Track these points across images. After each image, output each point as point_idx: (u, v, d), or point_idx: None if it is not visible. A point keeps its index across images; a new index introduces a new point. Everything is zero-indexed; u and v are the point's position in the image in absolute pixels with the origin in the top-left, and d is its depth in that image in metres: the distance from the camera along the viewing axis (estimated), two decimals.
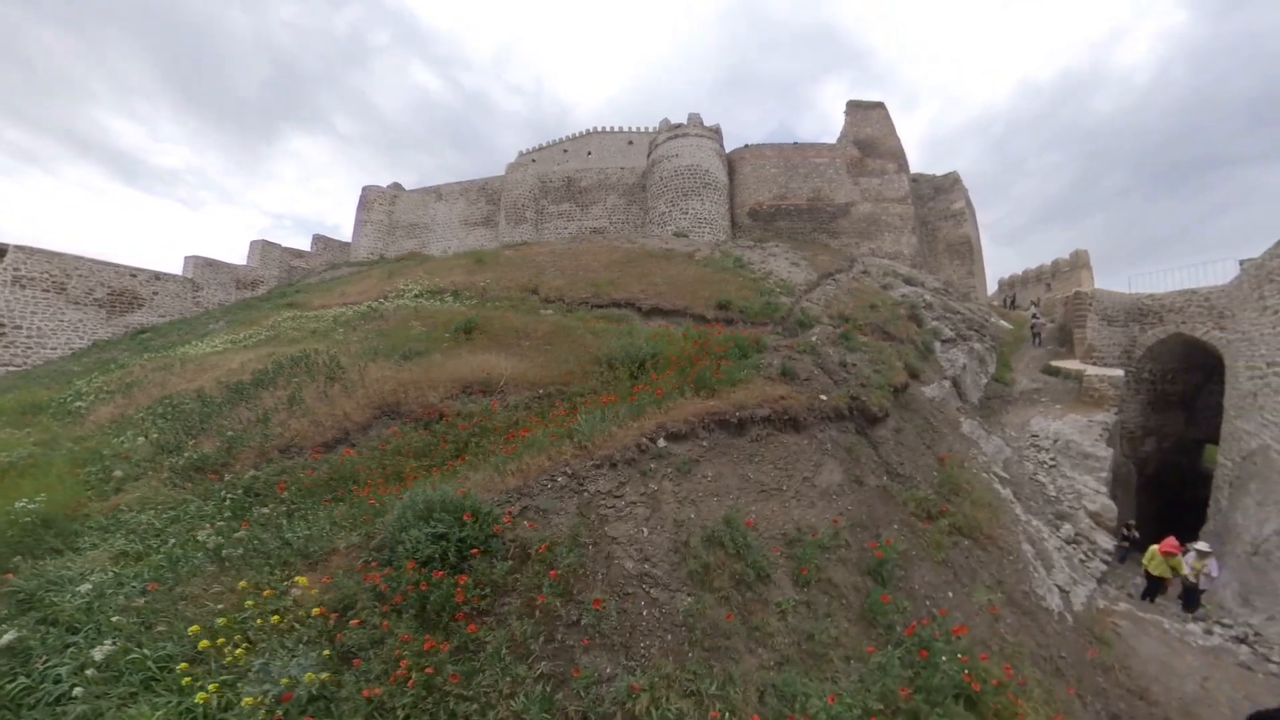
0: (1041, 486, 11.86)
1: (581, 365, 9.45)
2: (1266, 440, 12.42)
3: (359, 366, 10.17)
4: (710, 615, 4.61)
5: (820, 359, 9.12)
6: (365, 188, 33.00)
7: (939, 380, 14.01)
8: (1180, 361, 21.10)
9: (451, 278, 19.90)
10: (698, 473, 6.08)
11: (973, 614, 5.91)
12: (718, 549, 5.16)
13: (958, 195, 31.72)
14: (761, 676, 4.30)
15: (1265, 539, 11.87)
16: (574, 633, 4.23)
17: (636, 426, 6.36)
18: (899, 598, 5.59)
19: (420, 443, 7.41)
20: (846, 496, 6.63)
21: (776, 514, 5.97)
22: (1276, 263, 12.55)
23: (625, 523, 5.26)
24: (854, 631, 5.05)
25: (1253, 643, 8.58)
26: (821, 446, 7.16)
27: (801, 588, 5.27)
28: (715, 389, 7.47)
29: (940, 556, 6.48)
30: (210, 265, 27.62)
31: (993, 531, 7.41)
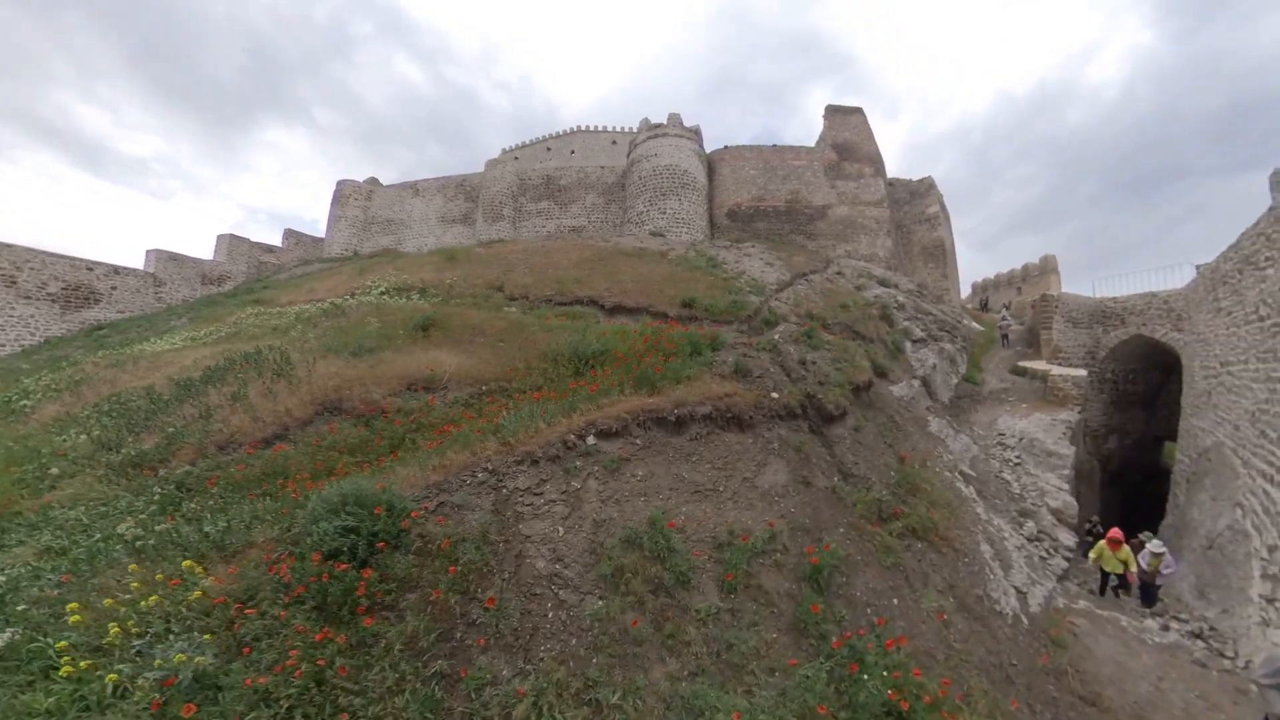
0: (1006, 484, 11.81)
1: (528, 362, 9.20)
2: (1220, 437, 12.58)
3: (307, 363, 9.98)
4: (620, 620, 4.41)
5: (780, 357, 8.89)
6: (340, 182, 31.95)
7: (908, 379, 13.93)
8: (1141, 362, 21.56)
9: (420, 275, 19.33)
10: (627, 471, 5.84)
11: (919, 621, 5.70)
12: (636, 551, 4.93)
13: (932, 200, 32.07)
14: (670, 687, 4.06)
15: (1219, 533, 12.03)
16: (474, 632, 4.06)
17: (565, 423, 6.10)
18: (837, 606, 5.33)
19: (356, 439, 7.25)
20: (790, 498, 6.37)
21: (709, 516, 5.70)
22: (1229, 266, 12.75)
23: (541, 521, 5.07)
24: (783, 642, 4.78)
25: (1208, 637, 8.56)
26: (768, 446, 6.92)
27: (727, 594, 5.00)
28: (657, 386, 7.22)
29: (889, 561, 6.24)
30: (174, 260, 26.38)
31: (949, 533, 7.22)
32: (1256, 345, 10.27)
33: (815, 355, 9.43)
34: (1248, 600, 8.95)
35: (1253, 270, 10.83)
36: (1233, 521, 10.87)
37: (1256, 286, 10.51)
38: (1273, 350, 9.22)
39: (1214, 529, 12.44)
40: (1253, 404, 10.26)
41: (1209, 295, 14.59)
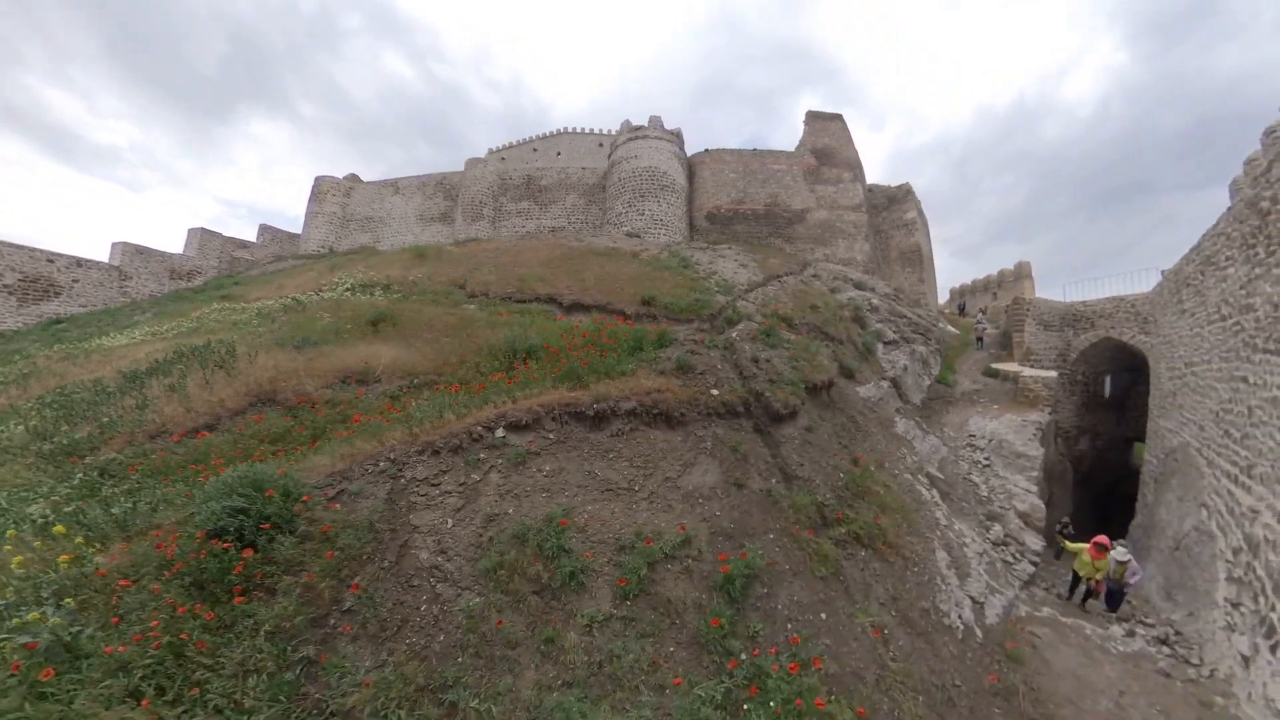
0: (974, 487, 11.46)
1: (463, 356, 8.98)
2: (1186, 438, 12.39)
3: (250, 356, 10.00)
4: (494, 620, 4.18)
5: (733, 354, 8.48)
6: (319, 178, 31.05)
7: (877, 380, 13.57)
8: (1110, 364, 21.56)
9: (388, 272, 18.82)
10: (533, 466, 5.58)
11: (850, 638, 5.18)
12: (523, 548, 4.67)
13: (910, 206, 32.10)
14: (535, 696, 3.76)
15: (1185, 534, 11.80)
16: (346, 619, 3.96)
17: (475, 415, 5.89)
18: (752, 620, 4.83)
19: (281, 428, 7.18)
20: (718, 500, 5.93)
21: (616, 516, 5.35)
22: (1191, 268, 12.62)
23: (433, 512, 4.91)
24: (680, 657, 4.34)
25: (1173, 642, 8.21)
26: (699, 444, 6.53)
27: (622, 600, 4.61)
28: (584, 380, 6.94)
29: (823, 571, 5.71)
30: (141, 253, 25.32)
31: (899, 539, 6.78)
32: (1219, 345, 10.05)
33: (771, 354, 8.99)
34: (1213, 604, 8.64)
35: (1214, 271, 10.64)
36: (1198, 522, 10.62)
37: (1218, 287, 10.31)
38: (1235, 350, 8.97)
39: (1180, 529, 12.22)
40: (1217, 404, 10.02)
41: (1173, 298, 14.49)
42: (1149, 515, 14.84)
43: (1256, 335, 7.89)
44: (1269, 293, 7.47)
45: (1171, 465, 13.71)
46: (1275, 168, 7.63)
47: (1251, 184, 8.55)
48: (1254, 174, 8.45)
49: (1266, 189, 7.88)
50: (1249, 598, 7.02)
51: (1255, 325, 7.99)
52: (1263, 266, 7.86)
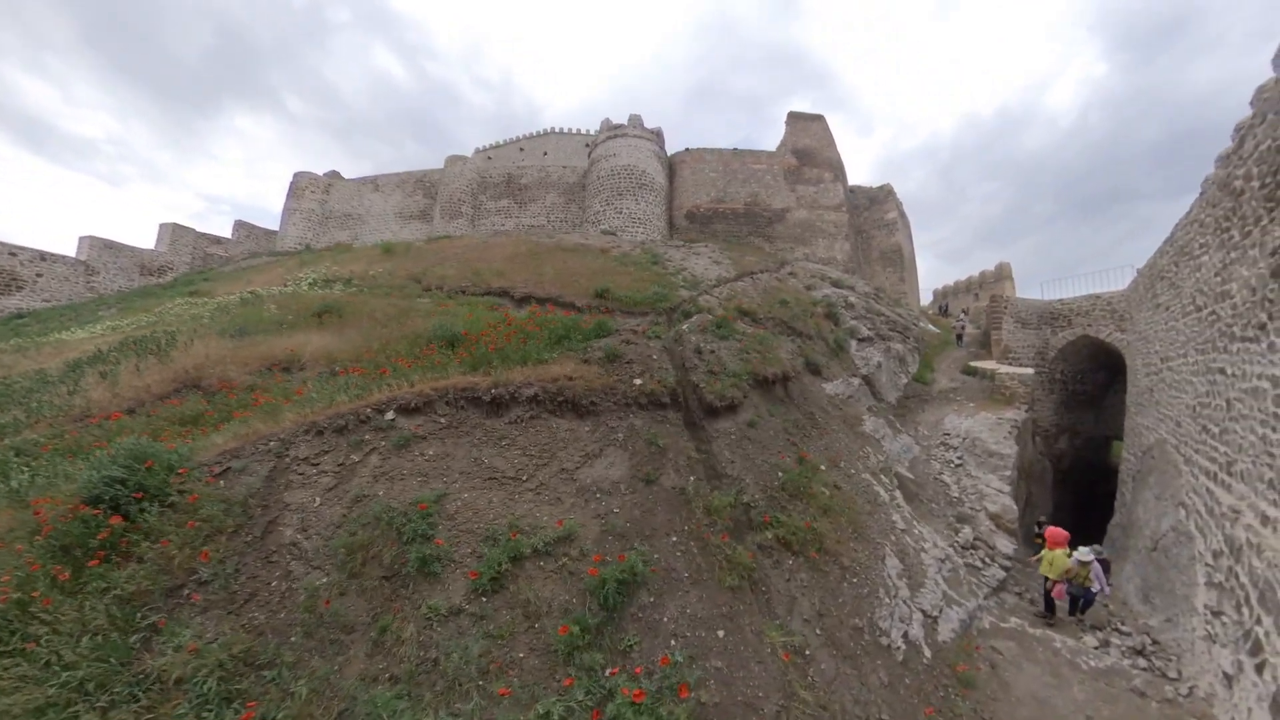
0: (945, 487, 10.76)
1: (387, 343, 8.73)
2: (1163, 435, 11.78)
3: (187, 344, 10.05)
4: (337, 604, 4.00)
5: (677, 345, 7.72)
6: (297, 174, 30.10)
7: (846, 377, 12.88)
8: (1088, 362, 21.05)
9: (353, 267, 18.21)
10: (416, 449, 5.39)
11: (753, 660, 4.44)
12: (382, 532, 4.47)
13: (891, 206, 31.62)
14: (356, 688, 3.54)
15: (1163, 534, 11.17)
16: (200, 590, 3.93)
17: (368, 398, 5.79)
18: (629, 632, 4.26)
19: (195, 411, 7.13)
20: (620, 496, 5.36)
21: (494, 506, 5.02)
22: (1165, 260, 12.06)
23: (306, 490, 4.84)
24: (530, 665, 3.89)
25: (1150, 654, 7.50)
26: (610, 435, 6.05)
27: (481, 596, 4.27)
28: (493, 366, 6.70)
29: (732, 581, 5.00)
30: (110, 248, 24.30)
31: (839, 546, 6.02)
32: (1195, 337, 9.43)
33: (720, 345, 8.30)
34: (1192, 610, 7.95)
35: (1188, 260, 10.05)
36: (1176, 522, 9.96)
37: (1192, 277, 9.71)
38: (1211, 341, 8.34)
39: (1158, 529, 11.59)
40: (1193, 398, 9.39)
41: (1148, 293, 13.95)
42: (1127, 514, 14.26)
43: (1234, 323, 7.24)
44: (1245, 276, 6.83)
45: (1149, 463, 13.12)
46: (1248, 142, 7.01)
47: (1223, 163, 7.95)
48: (1225, 154, 7.87)
49: (1239, 166, 7.27)
50: (1231, 606, 6.33)
51: (1232, 313, 7.35)
52: (1238, 250, 7.23)
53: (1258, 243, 6.51)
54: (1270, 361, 5.94)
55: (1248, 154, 7.03)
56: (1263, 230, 6.40)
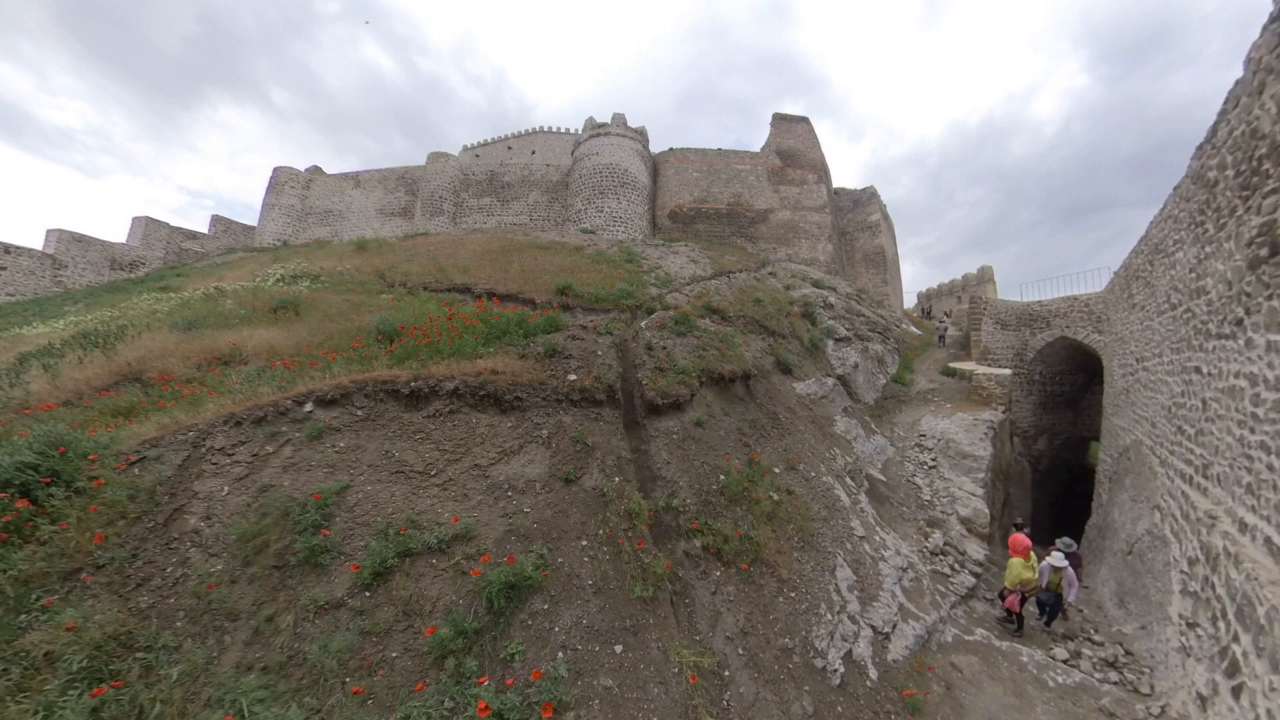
0: (917, 490, 10.28)
1: (330, 338, 8.49)
2: (1139, 435, 11.40)
3: (134, 338, 9.90)
4: (225, 591, 3.95)
5: (629, 341, 7.19)
6: (277, 168, 29.17)
7: (820, 377, 12.40)
8: (1066, 363, 20.80)
9: (324, 263, 17.54)
10: (329, 441, 5.29)
11: (653, 681, 3.99)
12: (280, 521, 4.42)
13: (874, 208, 31.34)
14: (229, 676, 3.47)
15: (1139, 538, 10.80)
16: (97, 573, 3.89)
17: (291, 390, 5.77)
18: (515, 640, 4.02)
19: (128, 403, 6.97)
20: (532, 495, 5.12)
21: (395, 500, 4.89)
22: (1140, 260, 11.72)
23: (217, 479, 4.85)
24: (402, 666, 3.71)
25: (1123, 666, 7.04)
26: (533, 431, 5.82)
27: (364, 591, 4.15)
28: (423, 359, 6.61)
29: (642, 591, 4.59)
30: (79, 241, 23.29)
31: (778, 556, 5.50)
32: (1170, 336, 9.03)
33: (676, 342, 7.80)
34: (1166, 619, 7.51)
35: (1163, 258, 9.67)
36: (1151, 526, 9.55)
37: (1167, 275, 9.32)
38: (1186, 339, 7.92)
39: (1133, 532, 11.22)
40: (1168, 399, 8.98)
41: (1124, 293, 13.63)
42: (1103, 515, 13.93)
43: (1209, 320, 6.81)
44: (1221, 271, 6.40)
45: (1125, 465, 12.77)
46: (1221, 130, 6.60)
47: (1198, 155, 7.55)
48: (1200, 146, 7.47)
49: (1213, 156, 6.85)
50: (1206, 619, 5.87)
51: (1207, 309, 6.92)
52: (1213, 244, 6.80)
53: (1233, 234, 6.08)
54: (1247, 359, 5.49)
55: (1221, 142, 6.61)
56: (1238, 221, 5.97)
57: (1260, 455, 4.95)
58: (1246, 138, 5.84)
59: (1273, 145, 5.15)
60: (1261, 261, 5.24)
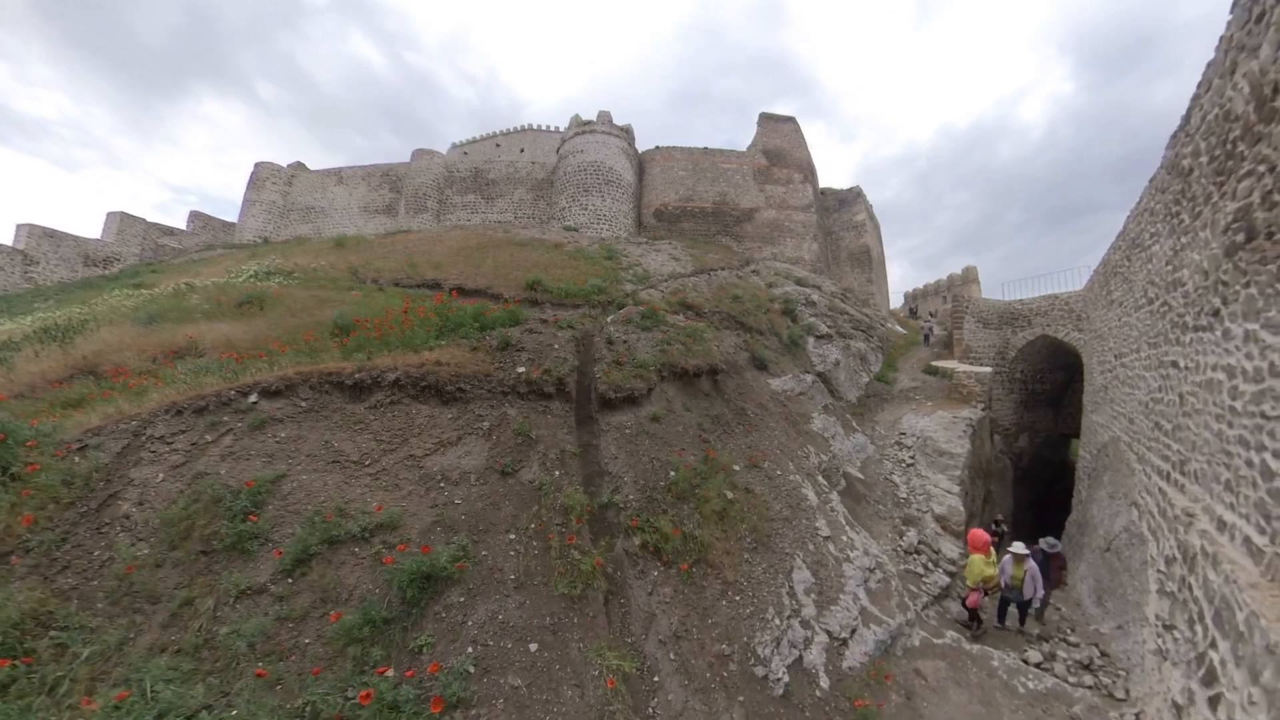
0: (894, 488, 9.97)
1: (288, 331, 8.35)
2: (1116, 432, 11.19)
3: (93, 332, 9.79)
4: (150, 575, 3.93)
5: (594, 336, 6.89)
6: (258, 164, 28.35)
7: (798, 374, 12.07)
8: (1047, 361, 20.70)
9: (298, 260, 17.13)
10: (270, 431, 5.23)
11: (569, 683, 3.76)
12: (208, 506, 4.42)
13: (860, 208, 31.19)
14: (136, 657, 3.44)
15: (1116, 535, 10.59)
16: (25, 556, 3.88)
17: (236, 381, 5.76)
18: (427, 632, 3.88)
19: (78, 395, 6.92)
20: (466, 487, 4.99)
21: (328, 489, 4.84)
22: (1118, 256, 11.53)
23: (154, 467, 4.82)
24: (315, 653, 3.70)
25: (1098, 668, 6.74)
26: (475, 423, 5.68)
27: (286, 577, 4.10)
28: (373, 351, 6.50)
29: (568, 589, 4.37)
30: (50, 236, 22.49)
31: (725, 558, 5.17)
32: (1147, 331, 8.79)
33: (640, 336, 7.53)
34: (1143, 619, 7.23)
35: (1139, 253, 9.44)
36: (1129, 523, 9.31)
37: (1143, 269, 9.09)
38: (1163, 333, 7.66)
39: (1111, 529, 11.01)
40: (1146, 394, 8.74)
41: (1102, 290, 13.46)
42: (1082, 512, 13.75)
43: (1186, 312, 6.54)
44: (1197, 261, 6.12)
45: (1103, 461, 12.59)
46: (1194, 115, 6.33)
47: (1172, 144, 7.29)
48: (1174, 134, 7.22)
49: (1187, 144, 6.59)
50: (1184, 621, 5.58)
51: (1184, 301, 6.65)
52: (1189, 234, 6.53)
53: (1209, 222, 5.80)
54: (1225, 350, 5.20)
55: (1194, 128, 6.34)
56: (1213, 208, 5.69)
57: (1239, 451, 4.65)
58: (1219, 121, 5.56)
59: (1246, 126, 4.86)
60: (1238, 248, 4.95)
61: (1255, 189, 4.65)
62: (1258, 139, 4.63)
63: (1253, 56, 4.80)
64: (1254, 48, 4.80)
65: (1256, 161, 4.62)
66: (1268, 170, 4.44)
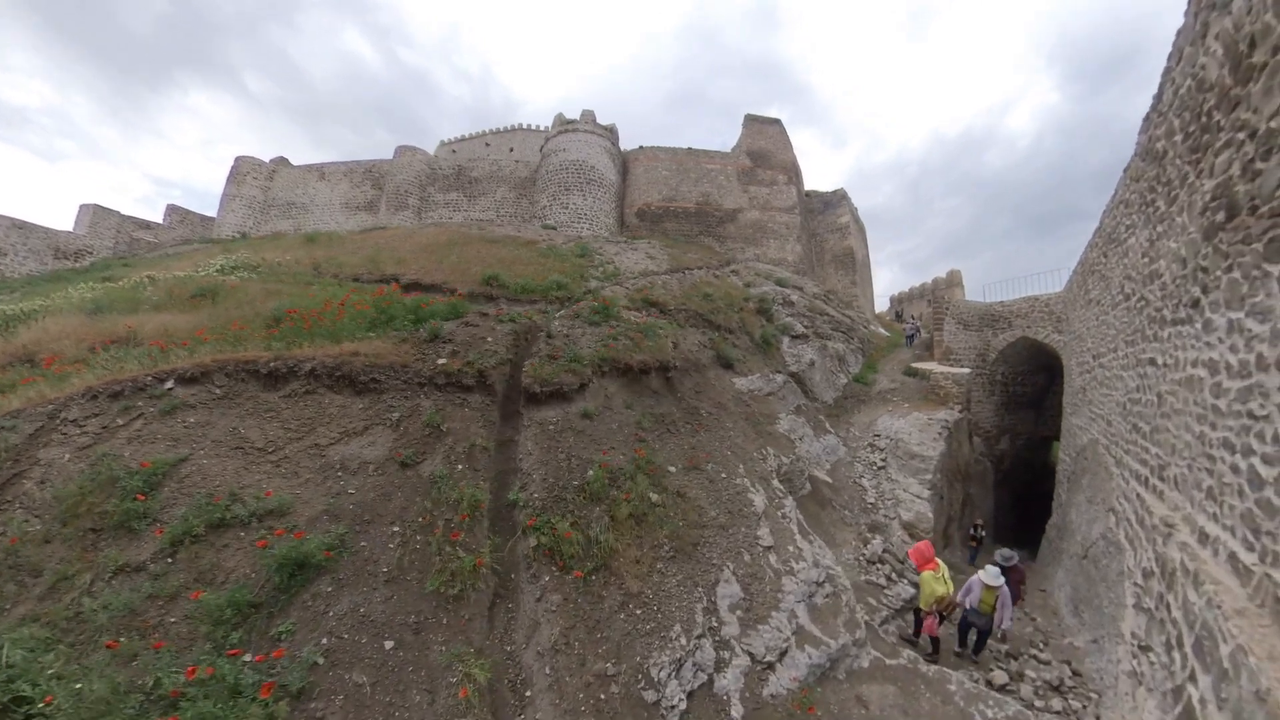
0: (863, 492, 9.32)
1: (227, 322, 8.29)
2: (1095, 434, 10.62)
3: (39, 322, 9.66)
4: (36, 549, 3.85)
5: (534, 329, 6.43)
6: (239, 158, 27.51)
7: (768, 373, 11.44)
8: (1028, 363, 20.20)
9: (267, 255, 16.77)
10: (180, 416, 5.21)
11: (419, 687, 3.50)
12: (103, 486, 4.43)
13: (844, 210, 30.73)
14: (6, 626, 3.34)
15: (1094, 541, 10.00)
16: None
17: (156, 368, 5.69)
18: (291, 618, 3.76)
19: (10, 381, 6.89)
20: (363, 476, 4.88)
21: (226, 473, 4.82)
22: (1095, 254, 11.01)
23: (62, 448, 4.82)
24: (181, 632, 3.64)
25: (1068, 691, 6.10)
26: (384, 414, 5.55)
27: (166, 557, 4.05)
28: (294, 340, 6.61)
29: (441, 585, 4.10)
30: (19, 228, 21.63)
31: (633, 566, 4.62)
32: (1124, 329, 8.21)
33: (586, 330, 7.11)
34: (1119, 636, 6.61)
35: (1115, 248, 8.88)
36: (1106, 530, 8.70)
37: (1120, 264, 8.52)
38: (1140, 330, 7.08)
39: (1089, 535, 10.42)
40: (1124, 395, 8.15)
41: (1080, 290, 12.94)
42: (1062, 515, 13.18)
43: (1163, 305, 5.94)
44: (1174, 249, 5.53)
45: (1082, 464, 12.02)
46: (1166, 91, 5.76)
47: (1145, 127, 6.73)
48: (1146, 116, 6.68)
49: (1159, 125, 6.02)
50: (1161, 644, 4.95)
51: (1161, 294, 6.06)
52: (1165, 221, 5.95)
53: (1185, 205, 5.22)
54: (1206, 344, 4.60)
55: (1167, 106, 5.77)
56: (1190, 189, 5.11)
57: (1223, 455, 4.03)
58: (1193, 93, 4.98)
59: (1222, 92, 4.28)
60: (1218, 229, 4.36)
61: (1235, 160, 4.06)
62: (1235, 104, 4.05)
63: (1225, 13, 4.22)
64: (1224, 3, 4.23)
65: (1235, 129, 4.04)
66: (1248, 137, 3.85)
